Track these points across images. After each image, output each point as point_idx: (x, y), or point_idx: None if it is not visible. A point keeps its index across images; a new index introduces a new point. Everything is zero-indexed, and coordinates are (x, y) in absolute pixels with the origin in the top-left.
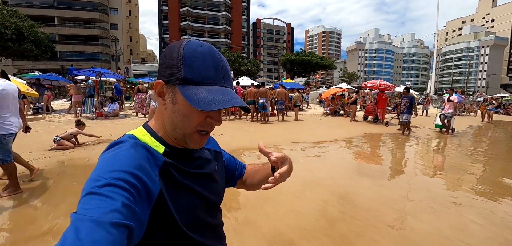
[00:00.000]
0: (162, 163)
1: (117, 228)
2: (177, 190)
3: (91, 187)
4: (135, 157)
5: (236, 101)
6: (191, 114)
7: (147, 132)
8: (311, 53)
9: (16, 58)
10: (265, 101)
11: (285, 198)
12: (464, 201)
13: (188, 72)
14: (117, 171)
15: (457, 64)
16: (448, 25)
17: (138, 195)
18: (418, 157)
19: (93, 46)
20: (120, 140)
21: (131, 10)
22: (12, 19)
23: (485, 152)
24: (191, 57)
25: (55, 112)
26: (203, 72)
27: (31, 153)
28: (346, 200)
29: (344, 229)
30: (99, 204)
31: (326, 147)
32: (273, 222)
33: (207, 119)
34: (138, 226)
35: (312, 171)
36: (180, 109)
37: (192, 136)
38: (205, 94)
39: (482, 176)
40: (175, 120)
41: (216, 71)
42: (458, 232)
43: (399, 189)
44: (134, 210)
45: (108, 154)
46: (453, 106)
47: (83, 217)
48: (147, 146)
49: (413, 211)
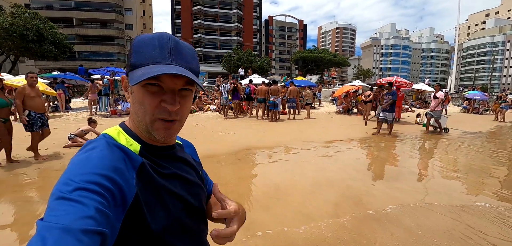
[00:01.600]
0: (140, 164)
1: (88, 235)
2: (155, 192)
3: (60, 191)
4: (110, 158)
5: (171, 69)
6: (144, 99)
7: (123, 130)
8: (324, 50)
9: (37, 58)
10: (276, 99)
11: (293, 199)
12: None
13: (135, 58)
14: (90, 174)
15: (480, 59)
16: (471, 19)
17: (112, 199)
18: (435, 159)
19: (109, 46)
20: (94, 140)
21: (145, 10)
22: (33, 21)
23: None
24: (138, 44)
25: (72, 110)
26: (147, 54)
27: (47, 149)
28: (358, 204)
29: (354, 237)
30: (69, 210)
31: (337, 146)
32: (280, 225)
33: (162, 104)
34: (111, 233)
35: (322, 171)
36: (136, 97)
37: (154, 125)
38: (143, 71)
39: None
40: (136, 110)
41: (161, 50)
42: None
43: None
44: (107, 215)
45: (80, 155)
46: (440, 104)
47: (51, 225)
48: (122, 146)
49: (429, 216)
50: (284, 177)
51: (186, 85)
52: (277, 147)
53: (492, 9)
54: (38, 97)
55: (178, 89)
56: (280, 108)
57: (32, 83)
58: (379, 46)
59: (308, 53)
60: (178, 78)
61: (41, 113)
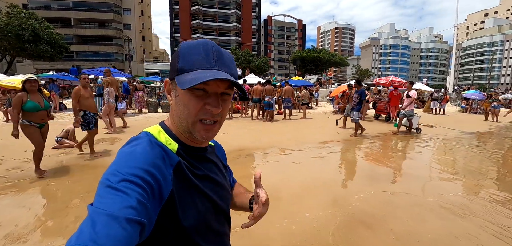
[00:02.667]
0: (176, 162)
1: (131, 224)
2: (188, 190)
3: (108, 180)
4: (151, 155)
5: (219, 75)
6: (189, 102)
7: (163, 129)
8: (322, 50)
9: (33, 58)
10: (271, 99)
11: (280, 204)
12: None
13: (181, 62)
14: (134, 167)
15: (479, 59)
16: (469, 19)
17: (151, 193)
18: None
19: (107, 46)
20: (137, 136)
21: (144, 10)
22: (29, 21)
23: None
24: (185, 50)
25: (66, 110)
26: (193, 60)
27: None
28: (345, 208)
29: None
30: (115, 199)
31: (331, 147)
32: (264, 231)
33: (206, 107)
34: (148, 223)
35: (313, 173)
36: (180, 99)
37: (195, 126)
38: (192, 76)
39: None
40: (179, 112)
41: (207, 56)
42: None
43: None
44: (147, 207)
45: (125, 149)
46: (412, 103)
47: (100, 211)
48: (162, 144)
49: (423, 218)
50: (275, 179)
51: (227, 89)
52: (270, 148)
53: (491, 9)
54: (91, 98)
55: (220, 92)
56: (274, 108)
57: (85, 84)
58: (378, 46)
59: (306, 53)
60: (222, 82)
61: (94, 113)
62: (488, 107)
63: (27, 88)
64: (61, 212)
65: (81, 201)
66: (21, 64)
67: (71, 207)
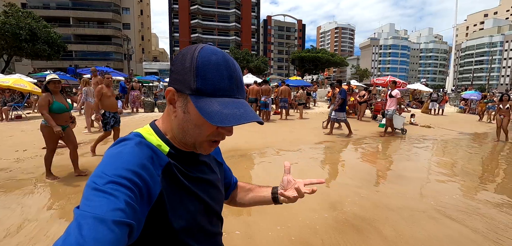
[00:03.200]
0: (166, 163)
1: (119, 226)
2: (178, 192)
3: (94, 183)
4: (139, 155)
5: (250, 116)
6: (203, 125)
7: (154, 131)
8: (321, 50)
9: (30, 57)
10: (267, 99)
11: (272, 209)
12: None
13: (201, 83)
14: (121, 169)
15: (479, 59)
16: (469, 19)
17: (139, 194)
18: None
19: (106, 46)
20: (126, 137)
21: (143, 10)
22: (27, 20)
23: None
24: (204, 67)
25: None
26: (216, 84)
27: (26, 151)
28: (338, 211)
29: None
30: (102, 202)
31: (325, 148)
32: (254, 239)
33: (218, 129)
34: (137, 225)
35: (306, 174)
36: (192, 119)
37: (202, 145)
38: (219, 108)
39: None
40: (185, 129)
41: (230, 82)
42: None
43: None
44: (135, 209)
45: (113, 150)
46: (395, 103)
47: (86, 214)
48: (151, 145)
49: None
50: (266, 181)
51: None
52: (264, 149)
53: (491, 9)
54: (113, 97)
55: None
56: (270, 108)
57: (108, 84)
58: (378, 46)
59: (306, 53)
60: None
61: (115, 112)
62: (484, 108)
63: (51, 89)
64: (46, 213)
65: (67, 202)
66: (20, 63)
67: (56, 208)
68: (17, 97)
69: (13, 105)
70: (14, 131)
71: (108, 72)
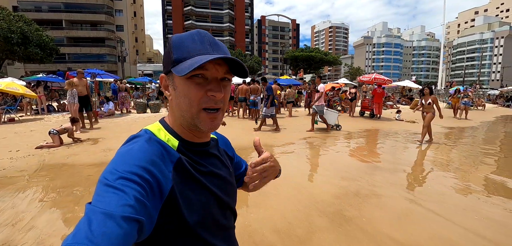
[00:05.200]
0: (177, 159)
1: (128, 222)
2: (190, 187)
3: (106, 179)
4: (149, 152)
5: (219, 55)
6: (189, 91)
7: (162, 126)
8: (315, 49)
9: (23, 61)
10: (256, 97)
11: (250, 198)
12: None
13: (176, 53)
14: (131, 165)
15: (470, 56)
16: (460, 16)
17: (150, 190)
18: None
19: (99, 48)
20: (136, 134)
21: (136, 11)
22: (18, 24)
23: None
24: (178, 41)
25: (55, 112)
26: (189, 48)
27: (19, 151)
28: (315, 206)
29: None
30: (112, 197)
31: (310, 143)
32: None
33: (208, 94)
34: (148, 221)
35: (285, 169)
36: (180, 91)
37: (200, 116)
38: (190, 62)
39: None
40: (180, 105)
41: (202, 43)
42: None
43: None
44: (145, 205)
45: (124, 148)
46: (322, 98)
47: (96, 209)
48: (161, 141)
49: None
50: None
51: (226, 74)
52: (250, 148)
53: (481, 7)
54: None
55: (220, 78)
56: (260, 107)
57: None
58: (371, 45)
59: (299, 52)
60: (221, 66)
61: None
62: (457, 103)
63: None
64: (38, 205)
65: (57, 195)
66: (12, 67)
67: (47, 201)
68: (10, 100)
69: (6, 108)
70: (7, 133)
71: (99, 74)
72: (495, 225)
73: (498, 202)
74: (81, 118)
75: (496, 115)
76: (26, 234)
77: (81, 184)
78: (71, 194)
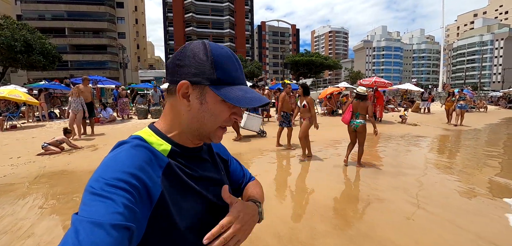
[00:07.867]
0: (166, 164)
1: (117, 229)
2: (181, 192)
3: (92, 187)
4: (136, 157)
5: (264, 99)
6: (220, 113)
7: (153, 132)
8: (315, 54)
9: (26, 68)
10: None
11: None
12: None
13: (220, 74)
14: (118, 172)
15: (470, 59)
16: (459, 19)
17: (138, 196)
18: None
19: (101, 55)
20: (124, 141)
21: (138, 19)
22: (21, 32)
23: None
24: (220, 59)
25: (57, 119)
26: (233, 74)
27: (20, 158)
28: (307, 214)
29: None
30: (100, 205)
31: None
32: None
33: (231, 116)
34: (138, 228)
35: (286, 174)
36: (209, 108)
37: (216, 132)
38: (241, 93)
39: None
40: (202, 119)
41: (241, 71)
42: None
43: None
44: (135, 211)
45: (110, 155)
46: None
47: (83, 219)
48: (150, 146)
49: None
50: None
51: None
52: (244, 154)
53: (480, 9)
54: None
55: None
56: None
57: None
58: (371, 48)
59: (299, 57)
60: None
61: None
62: (451, 107)
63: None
64: (37, 212)
65: (57, 202)
66: (15, 74)
67: (47, 207)
68: (12, 107)
69: (8, 115)
70: (9, 140)
71: (101, 80)
72: (500, 228)
73: (502, 205)
74: (84, 125)
75: (499, 117)
76: (25, 242)
77: (81, 191)
78: (70, 201)
